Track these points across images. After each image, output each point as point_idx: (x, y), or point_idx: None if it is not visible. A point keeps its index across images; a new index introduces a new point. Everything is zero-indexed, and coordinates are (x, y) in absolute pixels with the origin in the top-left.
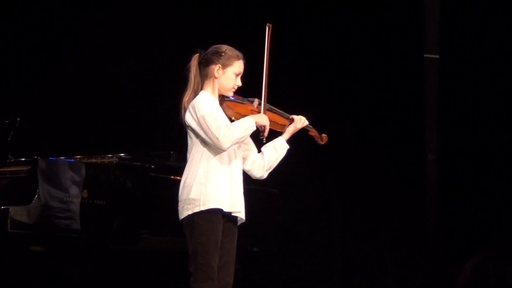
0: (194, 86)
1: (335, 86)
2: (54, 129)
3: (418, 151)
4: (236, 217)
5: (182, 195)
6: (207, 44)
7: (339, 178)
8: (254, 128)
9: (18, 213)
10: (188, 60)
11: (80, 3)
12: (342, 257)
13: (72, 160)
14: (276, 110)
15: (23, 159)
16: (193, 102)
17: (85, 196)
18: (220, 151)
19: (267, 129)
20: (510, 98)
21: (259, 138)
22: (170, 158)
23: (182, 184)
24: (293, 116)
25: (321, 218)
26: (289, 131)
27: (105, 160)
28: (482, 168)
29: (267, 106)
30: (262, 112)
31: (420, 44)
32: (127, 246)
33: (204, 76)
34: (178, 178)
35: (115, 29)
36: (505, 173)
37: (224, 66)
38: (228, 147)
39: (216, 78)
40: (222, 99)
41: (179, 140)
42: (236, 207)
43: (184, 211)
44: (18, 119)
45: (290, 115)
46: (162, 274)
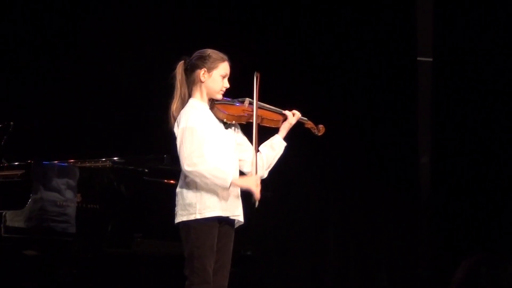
0: (181, 94)
1: (328, 89)
2: (48, 133)
3: (411, 154)
4: (233, 220)
5: (178, 199)
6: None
7: (332, 181)
8: (227, 186)
9: (11, 217)
10: (174, 67)
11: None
12: (336, 260)
13: (66, 164)
14: (268, 107)
15: (16, 163)
16: (181, 112)
17: (79, 200)
18: (216, 156)
19: (257, 194)
20: (504, 101)
21: (251, 202)
22: (163, 161)
23: (178, 188)
24: (286, 112)
25: (315, 221)
26: (284, 128)
27: (98, 164)
28: (475, 171)
29: (259, 104)
30: (254, 111)
31: (413, 47)
32: (121, 249)
33: (191, 83)
34: (171, 181)
35: (108, 33)
36: (498, 176)
37: (209, 70)
38: (187, 171)
39: (203, 82)
40: (212, 103)
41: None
42: (234, 211)
43: (179, 217)
44: (12, 123)
45: (283, 110)
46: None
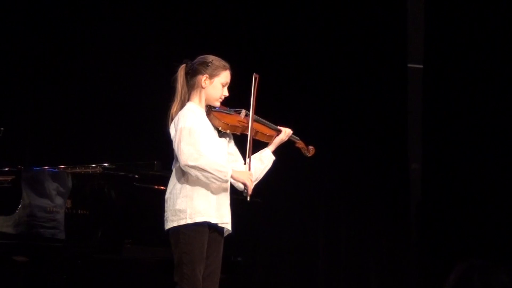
0: (181, 97)
1: (319, 96)
2: (38, 139)
3: (402, 161)
4: (223, 227)
5: (167, 205)
6: (192, 54)
7: (323, 188)
8: (227, 180)
9: (1, 223)
10: (175, 71)
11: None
12: (326, 265)
13: (56, 170)
14: (263, 122)
15: (6, 169)
16: (178, 114)
17: (69, 206)
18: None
19: (250, 188)
20: (494, 108)
21: (243, 195)
22: (154, 167)
23: (168, 194)
24: (280, 128)
25: (304, 227)
26: (275, 143)
27: (89, 170)
28: (466, 177)
29: (255, 117)
30: (250, 123)
31: (404, 54)
32: (111, 255)
33: (191, 87)
34: (162, 187)
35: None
36: (488, 181)
37: (211, 76)
38: (188, 165)
39: (203, 88)
40: (209, 110)
41: (163, 149)
42: (223, 218)
43: (170, 222)
44: (2, 128)
45: (277, 127)
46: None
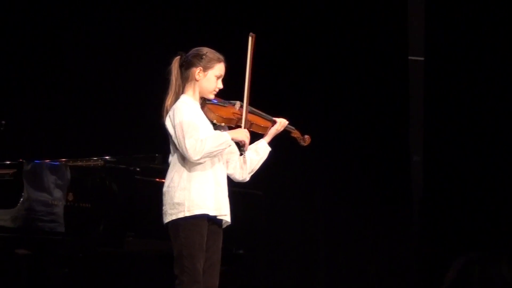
0: (175, 89)
1: (319, 88)
2: (40, 132)
3: (403, 153)
4: (221, 219)
5: (166, 199)
6: (189, 46)
7: (324, 180)
8: (230, 144)
9: (2, 216)
10: (169, 63)
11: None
12: (326, 258)
13: (57, 163)
14: (258, 113)
15: (7, 162)
16: (173, 107)
17: (70, 199)
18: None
19: (247, 144)
20: (496, 100)
21: (240, 153)
22: (155, 160)
23: (166, 188)
24: (275, 118)
25: (305, 219)
26: (270, 134)
27: (90, 163)
28: (468, 170)
29: (249, 108)
30: (244, 115)
31: (405, 46)
32: (113, 248)
33: (185, 79)
34: (163, 180)
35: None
36: (490, 174)
37: (205, 69)
38: (197, 159)
39: (197, 81)
40: (204, 102)
41: (164, 142)
42: (222, 210)
43: (168, 216)
44: (3, 122)
45: (272, 117)
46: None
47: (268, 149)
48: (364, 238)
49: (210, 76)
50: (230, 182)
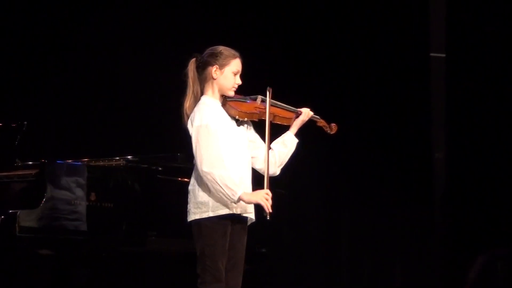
0: (193, 91)
1: (341, 85)
2: (61, 132)
3: (425, 150)
4: (246, 217)
5: (190, 197)
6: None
7: (346, 178)
8: (234, 200)
9: (26, 217)
10: (186, 65)
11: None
12: (350, 257)
13: (79, 163)
14: (281, 105)
15: (30, 162)
16: (194, 110)
17: (93, 199)
18: (229, 153)
19: (267, 206)
20: None
21: (264, 216)
22: (177, 159)
23: (191, 186)
24: (299, 110)
25: (328, 218)
26: (296, 125)
27: (112, 163)
28: (490, 167)
29: (271, 102)
30: (268, 109)
31: (426, 43)
32: (135, 248)
33: (203, 80)
34: (185, 179)
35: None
36: None
37: (221, 67)
38: (202, 170)
39: (215, 79)
40: (225, 100)
41: (185, 141)
42: (247, 208)
43: (192, 215)
44: (25, 122)
45: (296, 109)
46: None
47: (296, 140)
48: (386, 236)
49: (227, 73)
50: (253, 181)
